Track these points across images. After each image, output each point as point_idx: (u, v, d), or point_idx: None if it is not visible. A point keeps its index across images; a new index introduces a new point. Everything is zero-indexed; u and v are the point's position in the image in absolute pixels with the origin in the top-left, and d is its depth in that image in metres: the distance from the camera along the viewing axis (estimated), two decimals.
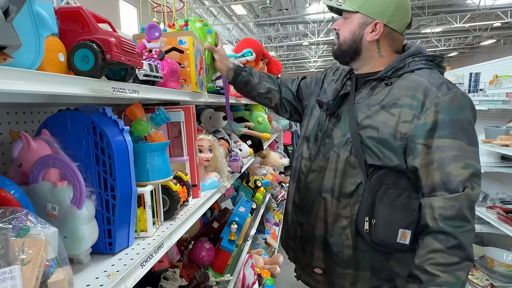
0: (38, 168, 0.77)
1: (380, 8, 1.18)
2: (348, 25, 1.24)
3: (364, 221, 1.16)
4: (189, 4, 2.67)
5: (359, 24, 1.21)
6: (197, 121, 1.47)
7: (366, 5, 1.19)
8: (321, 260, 1.29)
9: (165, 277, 1.40)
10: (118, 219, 0.87)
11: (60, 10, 0.78)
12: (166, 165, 1.08)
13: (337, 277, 1.27)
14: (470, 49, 19.27)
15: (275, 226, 3.79)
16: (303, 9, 11.74)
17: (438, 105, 1.07)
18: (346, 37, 1.24)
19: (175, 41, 1.34)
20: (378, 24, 1.18)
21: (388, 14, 1.18)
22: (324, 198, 1.25)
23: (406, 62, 1.19)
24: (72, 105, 0.94)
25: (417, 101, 1.10)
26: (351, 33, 1.23)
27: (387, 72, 1.19)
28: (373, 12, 1.18)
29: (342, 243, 1.22)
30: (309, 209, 1.31)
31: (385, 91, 1.18)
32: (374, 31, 1.20)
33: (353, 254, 1.21)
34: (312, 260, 1.32)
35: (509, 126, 2.72)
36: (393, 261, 1.20)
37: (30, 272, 0.56)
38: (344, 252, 1.22)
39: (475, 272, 2.76)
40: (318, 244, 1.29)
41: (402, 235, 1.14)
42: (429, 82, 1.11)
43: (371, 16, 1.19)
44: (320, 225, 1.27)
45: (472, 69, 3.76)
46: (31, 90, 0.57)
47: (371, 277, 1.22)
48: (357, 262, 1.22)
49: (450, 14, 11.41)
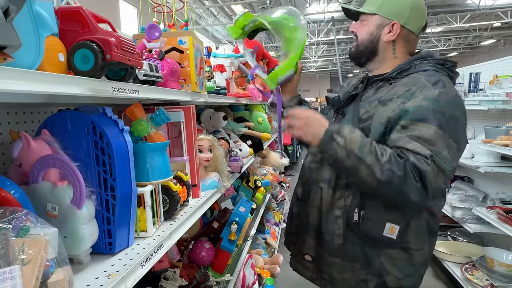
0: (38, 168, 0.77)
1: (397, 10, 1.23)
2: (365, 26, 1.29)
3: (354, 213, 1.21)
4: (189, 4, 2.68)
5: (376, 25, 1.26)
6: (197, 121, 1.47)
7: (384, 7, 1.24)
8: (312, 248, 1.34)
9: (165, 277, 1.40)
10: (118, 219, 0.87)
11: (60, 10, 0.78)
12: (166, 165, 1.08)
13: (326, 264, 1.31)
14: (470, 49, 19.28)
15: (275, 226, 3.79)
16: (303, 9, 11.73)
17: (426, 96, 1.10)
18: (364, 38, 1.29)
19: (175, 41, 1.34)
20: (395, 24, 1.23)
21: (405, 16, 1.23)
22: (321, 188, 1.30)
23: (413, 64, 1.23)
24: (72, 105, 0.94)
25: (409, 92, 1.14)
26: (369, 34, 1.27)
27: (393, 73, 1.24)
28: (391, 13, 1.23)
29: (333, 231, 1.27)
30: (306, 199, 1.37)
31: (387, 89, 1.23)
32: (391, 31, 1.25)
33: (343, 244, 1.25)
34: (303, 247, 1.38)
35: (509, 126, 2.72)
36: (384, 257, 1.22)
37: (30, 272, 0.56)
38: (335, 241, 1.26)
39: (475, 272, 2.76)
40: (311, 232, 1.34)
41: (390, 229, 1.17)
42: (426, 79, 1.15)
43: (388, 17, 1.24)
44: (314, 213, 1.32)
45: (472, 69, 3.76)
46: (31, 90, 0.57)
47: (359, 269, 1.25)
48: (346, 252, 1.25)
49: (450, 14, 11.42)
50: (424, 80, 1.14)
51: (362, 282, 1.25)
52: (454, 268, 2.91)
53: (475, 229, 2.83)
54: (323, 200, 1.29)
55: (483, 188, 3.42)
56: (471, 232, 2.84)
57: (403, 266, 1.23)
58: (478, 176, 3.46)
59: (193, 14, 1.97)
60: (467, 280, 2.67)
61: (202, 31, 12.88)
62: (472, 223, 2.92)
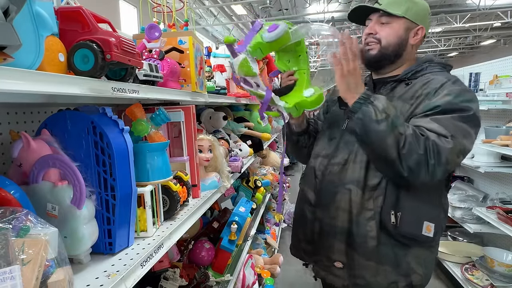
0: (38, 168, 0.77)
1: (422, 14, 1.28)
2: (391, 29, 1.27)
3: (390, 215, 1.19)
4: (189, 4, 2.68)
5: (405, 29, 1.27)
6: (197, 121, 1.47)
7: (411, 11, 1.25)
8: (343, 253, 1.28)
9: (165, 277, 1.40)
10: (118, 219, 0.87)
11: (60, 10, 0.78)
12: (166, 165, 1.08)
13: (359, 268, 1.26)
14: (470, 49, 19.26)
15: (275, 226, 3.79)
16: (303, 9, 11.73)
17: (450, 91, 1.15)
18: (391, 41, 1.27)
19: (175, 41, 1.34)
20: (421, 29, 1.28)
21: (426, 21, 1.30)
22: (349, 190, 1.25)
23: (424, 66, 1.29)
24: (72, 105, 0.94)
25: (431, 90, 1.19)
26: (397, 37, 1.27)
27: (407, 74, 1.28)
28: (417, 18, 1.26)
29: (366, 234, 1.23)
30: (329, 203, 1.30)
31: (404, 89, 1.26)
32: (416, 35, 1.28)
33: (376, 246, 1.22)
34: (332, 253, 1.31)
35: (509, 126, 2.72)
36: (411, 256, 1.23)
37: (30, 272, 0.56)
38: (368, 243, 1.23)
39: (475, 272, 2.76)
40: (340, 236, 1.28)
41: (426, 228, 1.19)
42: (445, 77, 1.21)
43: (415, 22, 1.27)
44: (343, 216, 1.27)
45: (472, 69, 3.76)
46: (31, 90, 0.57)
47: (391, 271, 1.24)
48: (380, 254, 1.23)
49: (450, 14, 11.41)
50: (444, 78, 1.20)
51: (393, 283, 1.24)
52: (454, 268, 2.91)
53: (475, 229, 2.83)
54: (353, 202, 1.24)
55: (483, 188, 3.42)
56: (471, 232, 2.84)
57: (427, 262, 1.26)
58: (478, 176, 3.46)
59: (193, 14, 1.97)
60: (467, 280, 2.67)
61: (202, 31, 12.88)
62: (472, 223, 2.92)
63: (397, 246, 1.22)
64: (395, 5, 1.25)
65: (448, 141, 1.08)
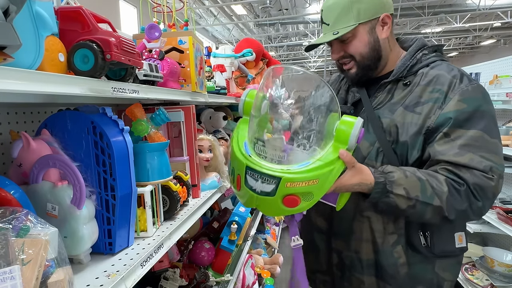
0: (38, 168, 0.77)
1: (376, 3, 1.12)
2: (356, 41, 1.14)
3: (418, 236, 1.11)
4: (189, 4, 2.68)
5: (368, 31, 1.13)
6: (197, 121, 1.47)
7: (362, 11, 1.11)
8: (374, 286, 1.19)
9: (165, 277, 1.40)
10: (118, 219, 0.87)
11: (60, 10, 0.78)
12: (166, 165, 1.08)
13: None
14: (470, 49, 19.27)
15: (275, 226, 3.79)
16: (303, 9, 11.73)
17: (462, 95, 1.04)
18: (364, 52, 1.15)
19: (175, 41, 1.34)
20: (385, 17, 1.13)
21: (384, 3, 1.13)
22: (367, 217, 1.15)
23: (417, 57, 1.15)
24: (72, 105, 0.94)
25: (440, 93, 1.07)
26: (367, 44, 1.14)
27: (402, 71, 1.14)
28: (373, 11, 1.12)
29: (395, 262, 1.14)
30: (346, 233, 1.19)
31: (405, 92, 1.13)
32: (384, 25, 1.14)
33: (408, 271, 1.14)
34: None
35: (509, 126, 2.72)
36: (437, 267, 1.16)
37: (30, 272, 0.56)
38: (400, 272, 1.14)
39: (475, 272, 2.76)
40: (368, 270, 1.18)
41: (458, 239, 1.13)
42: (449, 74, 1.09)
43: (374, 17, 1.12)
44: (367, 248, 1.17)
45: (472, 69, 3.76)
46: (31, 90, 0.57)
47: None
48: (413, 277, 1.16)
49: (450, 14, 11.40)
50: (448, 76, 1.08)
51: None
52: None
53: (475, 229, 2.83)
54: (375, 231, 1.14)
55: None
56: (471, 232, 2.84)
57: (453, 267, 1.19)
58: None
59: (193, 14, 1.97)
60: (467, 280, 2.67)
61: (202, 31, 12.89)
62: (472, 223, 2.92)
63: (425, 261, 1.14)
64: (343, 18, 1.11)
65: (489, 177, 0.99)
